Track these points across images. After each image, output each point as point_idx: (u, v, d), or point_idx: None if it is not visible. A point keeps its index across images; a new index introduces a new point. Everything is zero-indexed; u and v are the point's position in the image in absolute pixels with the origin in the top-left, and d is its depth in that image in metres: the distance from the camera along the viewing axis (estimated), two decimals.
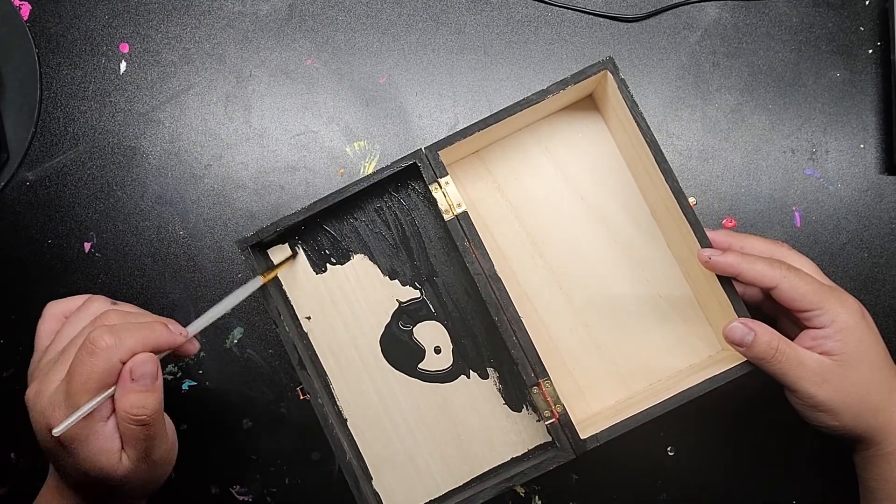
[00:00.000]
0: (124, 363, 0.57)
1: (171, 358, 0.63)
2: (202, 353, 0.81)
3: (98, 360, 0.56)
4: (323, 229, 0.73)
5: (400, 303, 0.73)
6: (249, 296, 0.67)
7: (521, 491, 0.80)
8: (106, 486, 0.60)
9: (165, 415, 0.61)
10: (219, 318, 0.66)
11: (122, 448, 0.59)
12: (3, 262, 0.83)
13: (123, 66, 0.84)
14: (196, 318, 0.64)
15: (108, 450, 0.58)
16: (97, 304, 0.65)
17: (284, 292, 0.73)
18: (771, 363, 0.63)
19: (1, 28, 0.84)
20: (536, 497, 0.80)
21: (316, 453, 0.81)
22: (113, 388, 0.57)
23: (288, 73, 0.84)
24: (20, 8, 0.85)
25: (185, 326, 0.63)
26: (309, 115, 0.83)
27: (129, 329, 0.58)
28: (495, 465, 0.74)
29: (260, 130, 0.83)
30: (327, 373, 0.74)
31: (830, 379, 0.63)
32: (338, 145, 0.83)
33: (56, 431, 0.56)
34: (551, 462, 0.67)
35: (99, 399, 0.56)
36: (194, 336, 0.64)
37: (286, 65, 0.84)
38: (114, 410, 0.58)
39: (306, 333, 0.74)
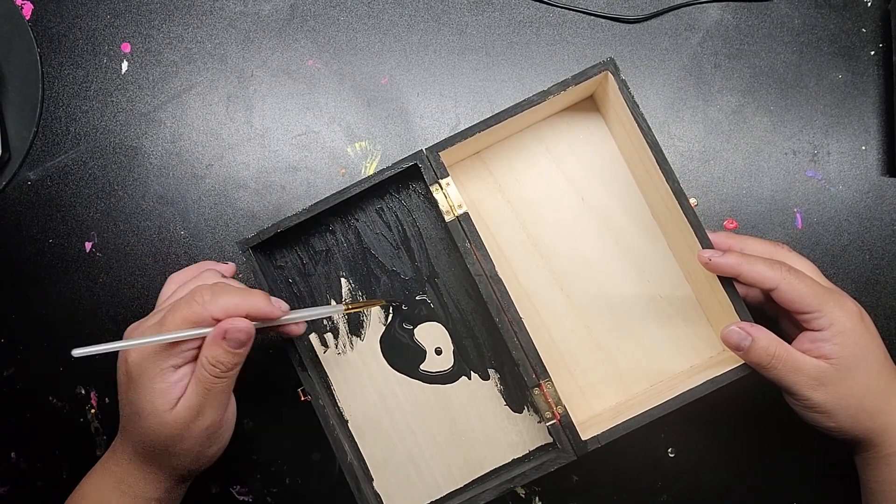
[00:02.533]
0: (217, 320, 0.61)
1: (273, 332, 0.67)
2: None
3: (192, 308, 0.61)
4: (324, 230, 0.74)
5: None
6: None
7: (521, 492, 0.80)
8: (156, 436, 0.62)
9: (233, 400, 0.66)
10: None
11: (179, 398, 0.62)
12: (4, 262, 0.83)
13: (125, 65, 0.84)
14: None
15: (165, 392, 0.61)
16: (209, 274, 0.69)
17: (288, 284, 0.74)
18: (768, 369, 0.64)
19: (3, 27, 0.84)
20: (537, 498, 0.80)
21: (316, 454, 0.80)
22: (191, 332, 0.60)
23: (289, 74, 0.84)
24: (22, 7, 0.85)
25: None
26: (310, 115, 0.83)
27: (227, 290, 0.62)
28: (496, 466, 0.74)
29: (261, 130, 0.83)
30: (328, 374, 0.74)
31: (827, 383, 0.63)
32: (339, 145, 0.83)
33: (131, 343, 0.60)
34: (552, 463, 0.67)
35: (177, 335, 0.60)
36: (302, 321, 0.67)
37: (288, 65, 0.84)
38: (184, 364, 0.62)
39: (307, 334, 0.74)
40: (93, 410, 0.82)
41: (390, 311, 0.74)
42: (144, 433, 0.63)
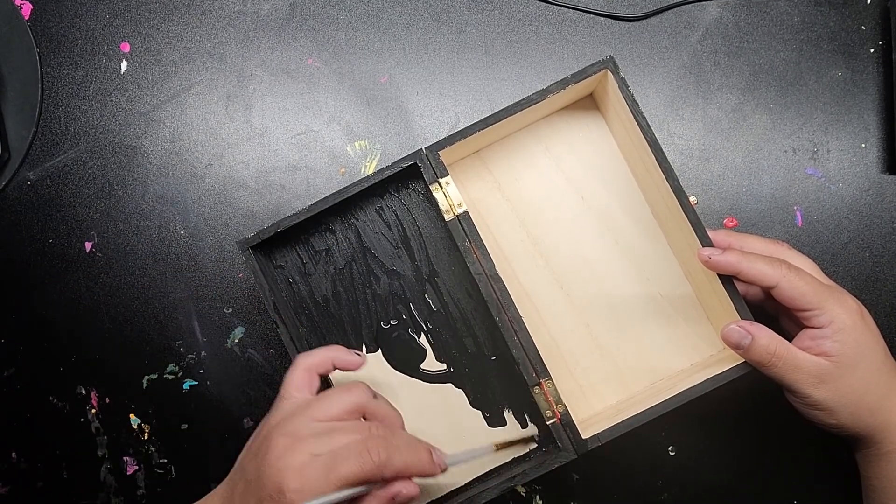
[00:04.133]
0: (386, 480, 0.59)
1: None
2: (203, 353, 0.81)
3: (367, 467, 0.58)
4: (324, 229, 0.74)
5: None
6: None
7: (522, 490, 0.80)
8: None
9: None
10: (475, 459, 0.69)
11: None
12: (4, 262, 0.83)
13: (124, 65, 0.84)
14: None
15: None
16: (360, 390, 0.65)
17: (288, 284, 0.74)
18: (768, 368, 0.64)
19: (2, 27, 0.84)
20: (537, 497, 0.80)
21: None
22: (355, 491, 0.58)
23: (289, 73, 0.84)
24: (21, 7, 0.85)
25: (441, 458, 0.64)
26: (310, 114, 0.83)
27: (401, 449, 0.60)
28: (497, 464, 0.74)
29: (261, 130, 0.83)
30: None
31: (827, 380, 0.63)
32: (339, 145, 0.83)
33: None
34: (553, 462, 0.67)
35: (348, 493, 0.57)
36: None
37: (287, 64, 0.84)
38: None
39: (308, 334, 0.74)
40: (93, 410, 0.82)
41: (533, 438, 0.74)
42: None
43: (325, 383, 0.69)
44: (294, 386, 0.65)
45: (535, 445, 0.74)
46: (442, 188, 0.68)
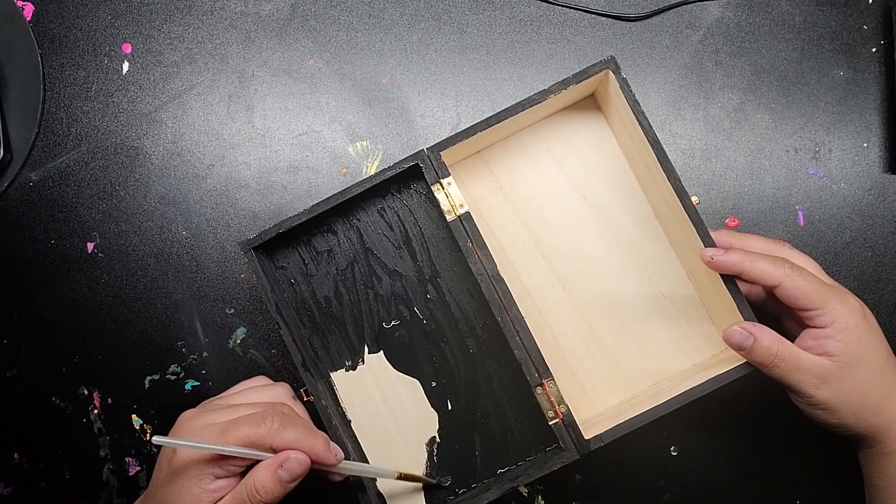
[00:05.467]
0: (275, 450, 0.60)
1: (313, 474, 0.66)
2: (205, 354, 0.81)
3: (259, 430, 0.59)
4: (325, 230, 0.74)
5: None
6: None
7: (524, 491, 0.80)
8: None
9: None
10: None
11: None
12: (6, 263, 0.83)
13: (126, 66, 0.84)
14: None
15: (198, 498, 0.60)
16: (283, 389, 0.69)
17: (290, 285, 0.74)
18: (770, 368, 0.64)
19: (4, 28, 0.84)
20: (539, 497, 0.80)
21: None
22: (252, 451, 0.59)
23: (290, 73, 0.84)
24: (23, 8, 0.85)
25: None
26: (311, 114, 0.83)
27: (297, 426, 0.61)
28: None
29: (262, 130, 0.83)
30: (331, 374, 0.74)
31: (830, 380, 0.63)
32: (340, 145, 0.83)
33: (197, 445, 0.58)
34: (556, 462, 0.67)
35: (237, 450, 0.59)
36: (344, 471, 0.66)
37: (288, 65, 0.84)
38: (226, 477, 0.61)
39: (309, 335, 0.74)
40: (95, 411, 0.82)
41: (439, 483, 0.74)
42: None
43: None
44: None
45: (435, 483, 0.73)
46: (443, 188, 0.68)
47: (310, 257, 0.74)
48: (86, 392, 0.82)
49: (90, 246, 0.83)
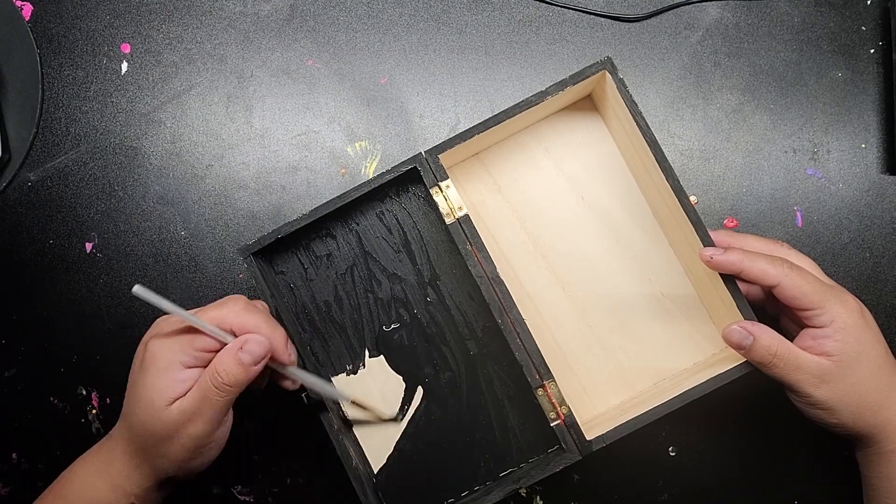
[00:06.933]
0: (234, 334, 0.64)
1: (260, 379, 0.68)
2: None
3: (221, 311, 0.64)
4: (324, 234, 0.73)
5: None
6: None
7: (522, 491, 0.80)
8: (146, 430, 0.63)
9: (228, 421, 0.66)
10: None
11: (177, 399, 0.62)
12: (4, 263, 0.83)
13: (125, 66, 0.84)
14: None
15: (166, 388, 0.62)
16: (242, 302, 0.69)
17: (290, 290, 0.74)
18: (769, 368, 0.64)
19: (2, 28, 0.84)
20: (538, 497, 0.80)
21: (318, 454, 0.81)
22: (209, 327, 0.62)
23: (289, 74, 0.84)
24: (22, 8, 0.84)
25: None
26: (310, 115, 0.83)
27: (256, 314, 0.64)
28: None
29: (261, 131, 0.83)
30: (332, 378, 0.74)
31: (828, 380, 0.63)
32: (339, 145, 0.83)
33: (139, 291, 0.59)
34: (558, 464, 0.67)
35: (199, 322, 0.62)
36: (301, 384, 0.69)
37: (287, 65, 0.84)
38: (193, 366, 0.63)
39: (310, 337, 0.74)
40: (94, 411, 0.82)
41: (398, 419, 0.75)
42: (138, 423, 0.63)
43: None
44: None
45: (387, 419, 0.74)
46: (442, 192, 0.68)
47: (309, 262, 0.74)
48: (84, 392, 0.82)
49: (89, 246, 0.83)
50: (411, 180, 0.72)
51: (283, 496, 0.81)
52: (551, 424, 0.67)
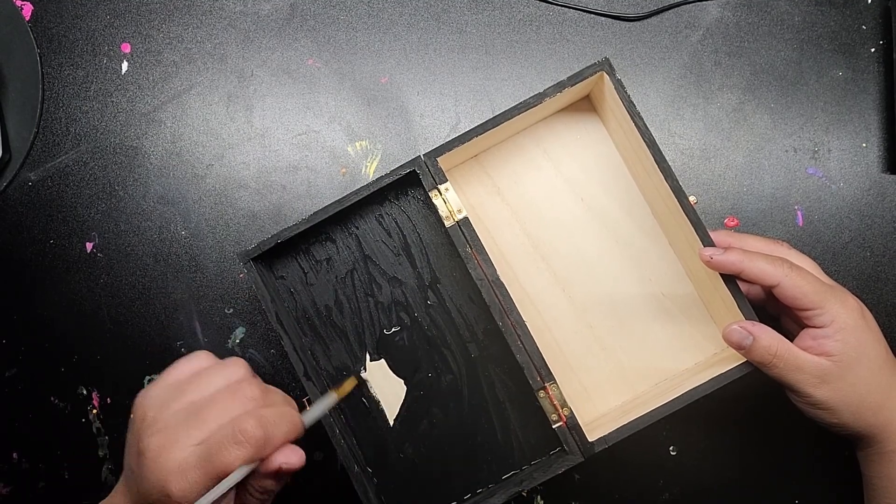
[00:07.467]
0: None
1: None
2: None
3: (245, 452, 0.56)
4: (324, 238, 0.73)
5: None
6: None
7: (523, 491, 0.80)
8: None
9: None
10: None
11: None
12: (5, 263, 0.83)
13: (125, 66, 0.84)
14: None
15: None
16: (236, 368, 0.64)
17: (290, 294, 0.74)
18: (769, 368, 0.64)
19: (3, 28, 0.84)
20: (539, 497, 0.80)
21: (319, 453, 0.81)
22: (246, 469, 0.57)
23: (289, 73, 0.83)
24: (22, 8, 0.84)
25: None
26: (310, 114, 0.83)
27: (277, 424, 0.59)
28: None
29: (261, 130, 0.83)
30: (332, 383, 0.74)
31: (829, 380, 0.63)
32: (339, 145, 0.83)
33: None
34: (560, 465, 0.67)
35: (233, 481, 0.56)
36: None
37: (288, 64, 0.84)
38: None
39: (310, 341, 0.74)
40: (94, 411, 0.82)
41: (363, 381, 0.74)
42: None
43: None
44: (172, 368, 0.64)
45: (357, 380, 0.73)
46: (441, 195, 0.68)
47: (309, 266, 0.74)
48: (85, 392, 0.82)
49: (89, 246, 0.83)
50: (410, 183, 0.72)
51: (283, 496, 0.81)
52: (553, 426, 0.67)
